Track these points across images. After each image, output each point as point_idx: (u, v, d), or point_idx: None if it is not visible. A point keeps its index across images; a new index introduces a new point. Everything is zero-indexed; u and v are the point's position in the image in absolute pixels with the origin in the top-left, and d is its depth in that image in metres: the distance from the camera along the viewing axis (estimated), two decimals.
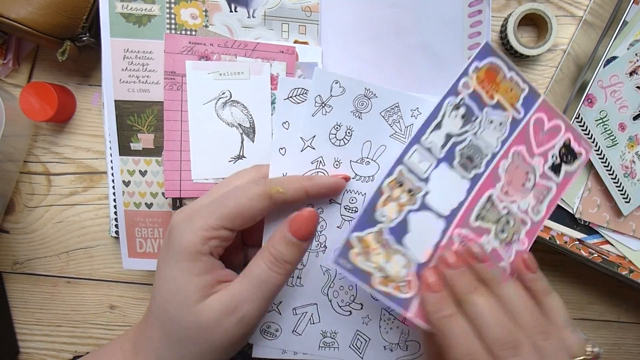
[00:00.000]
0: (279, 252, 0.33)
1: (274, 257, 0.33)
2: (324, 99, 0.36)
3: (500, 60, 0.35)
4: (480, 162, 0.35)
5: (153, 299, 0.34)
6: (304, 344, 0.39)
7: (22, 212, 0.52)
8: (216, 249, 0.33)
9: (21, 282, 0.53)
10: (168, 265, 0.33)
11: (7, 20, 0.42)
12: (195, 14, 0.44)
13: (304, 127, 0.37)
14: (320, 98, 0.36)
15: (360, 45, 0.45)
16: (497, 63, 0.35)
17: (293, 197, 0.34)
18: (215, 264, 0.33)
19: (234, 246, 0.38)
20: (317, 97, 0.36)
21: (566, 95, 0.45)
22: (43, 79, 0.51)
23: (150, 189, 0.46)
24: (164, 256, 0.33)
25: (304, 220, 0.34)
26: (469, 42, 0.41)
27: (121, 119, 0.45)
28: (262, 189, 0.33)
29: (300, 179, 0.35)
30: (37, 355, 0.54)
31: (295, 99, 0.37)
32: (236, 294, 0.32)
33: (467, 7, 0.40)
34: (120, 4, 0.43)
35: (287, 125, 0.37)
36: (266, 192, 0.33)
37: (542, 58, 0.51)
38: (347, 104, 0.36)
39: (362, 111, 0.37)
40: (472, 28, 0.40)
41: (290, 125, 0.37)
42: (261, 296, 0.33)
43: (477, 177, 0.35)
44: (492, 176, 0.36)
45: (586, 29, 0.48)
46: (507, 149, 0.36)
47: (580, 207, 0.49)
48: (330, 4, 0.44)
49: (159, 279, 0.33)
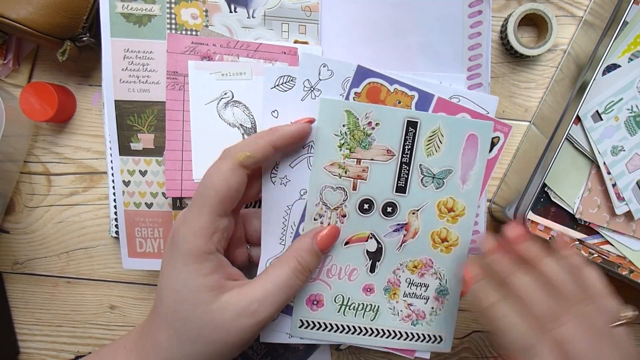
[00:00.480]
0: (307, 262, 0.35)
1: (301, 265, 0.35)
2: (312, 83, 0.36)
3: (377, 78, 0.36)
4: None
5: (159, 301, 0.34)
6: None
7: (22, 212, 0.52)
8: (219, 243, 0.33)
9: (21, 282, 0.53)
10: (174, 269, 0.33)
11: (7, 21, 0.42)
12: (196, 14, 0.44)
13: (294, 112, 0.37)
14: (308, 82, 0.36)
15: (360, 45, 0.45)
16: (376, 81, 0.36)
17: (263, 155, 0.34)
18: (222, 262, 0.34)
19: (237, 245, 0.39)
20: (306, 82, 0.36)
21: (566, 95, 0.45)
22: (43, 79, 0.51)
23: (150, 189, 0.46)
24: (169, 259, 0.33)
25: (330, 236, 0.36)
26: (469, 42, 0.41)
27: (121, 118, 0.45)
28: (231, 162, 0.33)
29: (264, 135, 0.35)
30: (37, 355, 0.54)
31: (282, 87, 0.37)
32: (259, 297, 0.33)
33: (467, 7, 0.40)
34: (120, 4, 0.43)
35: (276, 114, 0.37)
36: (235, 163, 0.33)
37: (542, 58, 0.51)
38: (336, 87, 0.36)
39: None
40: (472, 28, 0.40)
41: (280, 114, 0.37)
42: (283, 300, 0.34)
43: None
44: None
45: (586, 29, 0.48)
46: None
47: (581, 207, 0.49)
48: (330, 3, 0.44)
49: (165, 282, 0.33)
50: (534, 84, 0.51)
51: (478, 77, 0.41)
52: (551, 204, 0.49)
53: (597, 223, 0.49)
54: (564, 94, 0.46)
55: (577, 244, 0.50)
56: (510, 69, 0.51)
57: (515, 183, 0.48)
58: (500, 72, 0.51)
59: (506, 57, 0.51)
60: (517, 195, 0.46)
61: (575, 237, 0.50)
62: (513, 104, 0.51)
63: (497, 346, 0.33)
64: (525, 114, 0.51)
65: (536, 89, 0.51)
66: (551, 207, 0.50)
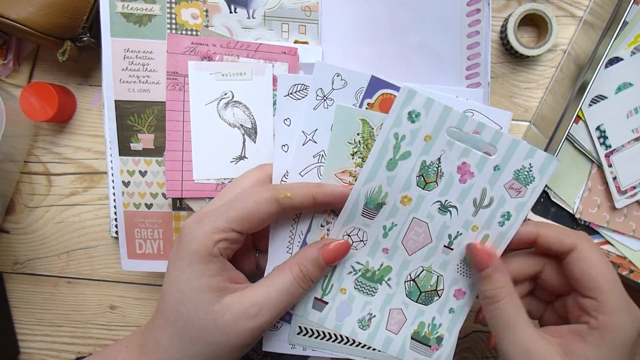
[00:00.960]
0: (309, 271, 0.35)
1: (303, 274, 0.35)
2: (325, 92, 0.36)
3: (391, 89, 0.36)
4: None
5: (163, 300, 0.34)
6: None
7: (23, 212, 0.52)
8: (225, 250, 0.33)
9: (22, 283, 0.53)
10: (179, 268, 0.33)
11: (8, 21, 0.42)
12: (196, 14, 0.44)
13: (306, 121, 0.37)
14: (321, 91, 0.36)
15: (360, 45, 0.45)
16: (389, 92, 0.36)
17: (301, 202, 0.35)
18: (226, 265, 0.34)
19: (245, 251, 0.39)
20: (319, 91, 0.36)
21: (566, 96, 0.45)
22: (43, 79, 0.51)
23: (150, 190, 0.46)
24: (175, 258, 0.34)
25: (338, 251, 0.36)
26: (467, 41, 0.41)
27: (121, 119, 0.45)
28: (270, 193, 0.34)
29: (309, 185, 0.35)
30: (37, 355, 0.54)
31: (295, 95, 0.37)
32: (260, 300, 0.33)
33: (466, 6, 0.40)
34: (120, 4, 0.43)
35: (289, 122, 0.37)
36: (274, 196, 0.34)
37: (542, 58, 0.51)
38: (348, 97, 0.36)
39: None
40: (470, 27, 0.40)
41: (292, 122, 0.37)
42: (283, 306, 0.34)
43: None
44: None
45: (586, 29, 0.48)
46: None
47: (581, 207, 0.49)
48: (330, 3, 0.44)
49: (169, 280, 0.33)
50: (534, 84, 0.51)
51: (477, 76, 0.41)
52: (551, 203, 0.49)
53: (597, 223, 0.49)
54: (564, 94, 0.46)
55: None
56: (510, 69, 0.51)
57: None
58: (500, 72, 0.51)
59: (506, 57, 0.51)
60: None
61: None
62: (513, 104, 0.51)
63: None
64: (525, 114, 0.51)
65: (536, 89, 0.51)
66: (551, 207, 0.50)
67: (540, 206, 0.50)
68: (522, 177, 0.36)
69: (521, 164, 0.35)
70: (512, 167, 0.35)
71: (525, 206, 0.36)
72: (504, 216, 0.36)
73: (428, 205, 0.36)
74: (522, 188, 0.36)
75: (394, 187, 0.36)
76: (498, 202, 0.36)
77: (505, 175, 0.35)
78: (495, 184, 0.36)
